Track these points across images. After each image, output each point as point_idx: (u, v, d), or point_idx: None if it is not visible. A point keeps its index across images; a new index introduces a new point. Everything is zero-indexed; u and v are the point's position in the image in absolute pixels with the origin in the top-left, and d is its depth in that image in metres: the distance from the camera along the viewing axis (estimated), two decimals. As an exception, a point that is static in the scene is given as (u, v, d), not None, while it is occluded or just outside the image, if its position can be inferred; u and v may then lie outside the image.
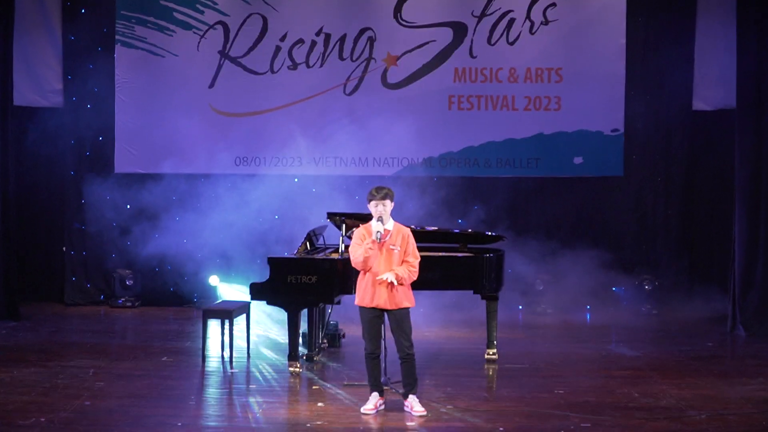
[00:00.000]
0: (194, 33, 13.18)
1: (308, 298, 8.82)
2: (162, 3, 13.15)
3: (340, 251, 9.03)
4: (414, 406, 7.54)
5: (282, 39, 13.15)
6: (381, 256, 7.47)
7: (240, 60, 13.19)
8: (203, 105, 13.20)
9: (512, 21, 13.04)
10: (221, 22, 13.17)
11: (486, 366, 9.43)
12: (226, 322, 9.49)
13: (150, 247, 12.79)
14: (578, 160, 13.10)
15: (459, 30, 13.08)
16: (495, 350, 9.59)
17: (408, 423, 7.34)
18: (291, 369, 8.85)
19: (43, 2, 13.09)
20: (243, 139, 13.13)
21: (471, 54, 13.09)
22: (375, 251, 7.43)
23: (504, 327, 10.98)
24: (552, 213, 13.25)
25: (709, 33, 12.86)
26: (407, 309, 7.58)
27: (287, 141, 12.90)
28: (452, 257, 9.28)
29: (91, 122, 13.23)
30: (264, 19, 13.13)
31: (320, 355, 9.65)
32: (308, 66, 13.17)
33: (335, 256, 8.98)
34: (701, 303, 12.46)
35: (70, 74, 13.19)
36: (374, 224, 7.46)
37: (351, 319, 11.30)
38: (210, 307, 9.78)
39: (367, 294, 7.50)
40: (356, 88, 13.17)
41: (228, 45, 13.18)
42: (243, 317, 9.84)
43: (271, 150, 13.08)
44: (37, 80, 13.19)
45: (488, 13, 13.05)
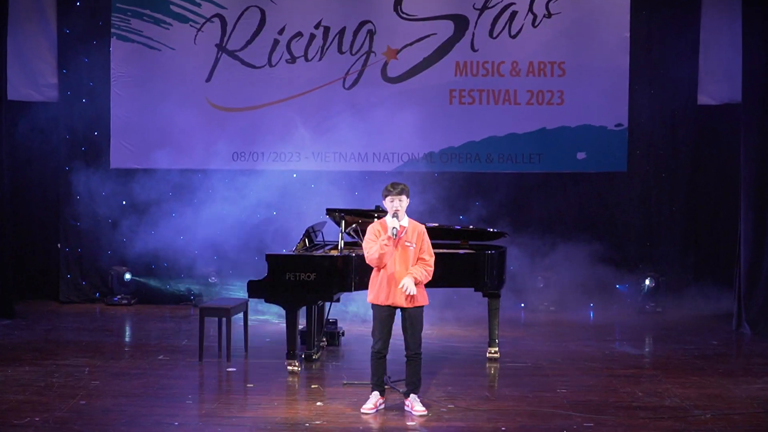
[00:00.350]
0: (191, 26, 13.17)
1: (307, 296, 8.81)
2: (158, -5, 13.18)
3: (340, 248, 9.03)
4: (414, 406, 7.55)
5: (280, 32, 13.14)
6: (396, 253, 7.47)
7: (237, 53, 13.18)
8: (200, 99, 13.19)
9: (514, 14, 13.03)
10: (218, 15, 13.16)
11: (487, 365, 9.44)
12: (224, 320, 9.50)
13: (146, 244, 12.79)
14: (581, 156, 13.10)
15: (460, 23, 13.07)
16: (496, 348, 9.59)
17: (408, 423, 7.34)
18: (289, 368, 8.85)
19: (38, -6, 13.10)
20: (240, 134, 13.12)
21: (472, 47, 13.08)
22: (390, 248, 7.43)
23: (506, 325, 10.99)
24: (555, 209, 13.25)
25: (714, 26, 12.86)
26: (422, 307, 7.60)
27: (285, 136, 12.90)
28: (453, 254, 9.27)
29: (86, 117, 13.23)
30: (262, 12, 13.12)
31: (319, 354, 9.65)
32: (307, 60, 13.16)
33: (334, 253, 8.97)
34: (706, 301, 12.48)
35: (65, 68, 13.18)
36: (390, 220, 7.46)
37: (350, 317, 11.36)
38: (207, 305, 9.78)
39: (382, 291, 7.50)
40: (356, 82, 13.16)
41: (225, 38, 13.16)
42: (240, 315, 9.85)
43: (269, 145, 13.06)
44: (32, 74, 13.17)
45: (490, 6, 13.03)
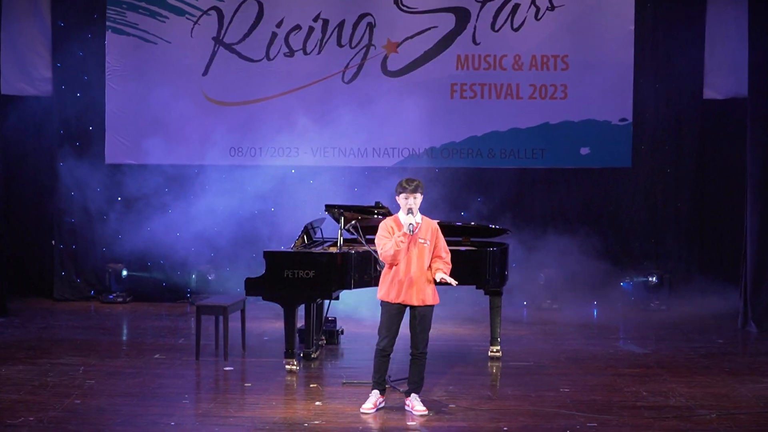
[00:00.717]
0: (187, 19, 13.16)
1: (305, 294, 8.80)
2: (154, -13, 13.18)
3: (339, 245, 9.03)
4: (415, 405, 7.55)
5: (278, 25, 13.13)
6: (412, 250, 7.47)
7: (235, 47, 13.17)
8: (197, 93, 13.18)
9: (517, 6, 13.02)
10: (215, 8, 13.15)
11: (489, 364, 9.44)
12: (221, 319, 9.49)
13: (142, 241, 12.80)
14: (585, 151, 13.09)
15: (462, 16, 13.06)
16: (499, 347, 9.59)
17: (409, 423, 7.34)
18: (288, 367, 8.84)
19: (32, -13, 13.10)
20: (238, 129, 13.12)
21: (474, 40, 13.07)
22: (405, 244, 7.43)
23: (508, 323, 10.98)
24: (558, 205, 13.26)
25: (720, 19, 12.86)
26: (432, 306, 7.60)
27: (284, 131, 12.89)
28: (454, 251, 9.18)
29: (81, 111, 13.23)
30: (260, 5, 13.11)
31: (318, 353, 9.64)
32: (305, 53, 13.15)
33: (333, 250, 8.97)
34: (712, 298, 12.48)
35: (60, 62, 13.17)
36: (405, 217, 7.47)
37: (350, 316, 11.35)
38: (204, 303, 9.76)
39: (393, 288, 7.50)
40: (355, 76, 13.15)
41: (222, 31, 13.16)
42: (238, 313, 9.85)
43: (267, 140, 13.06)
44: (25, 68, 13.17)
45: (492, -2, 13.05)
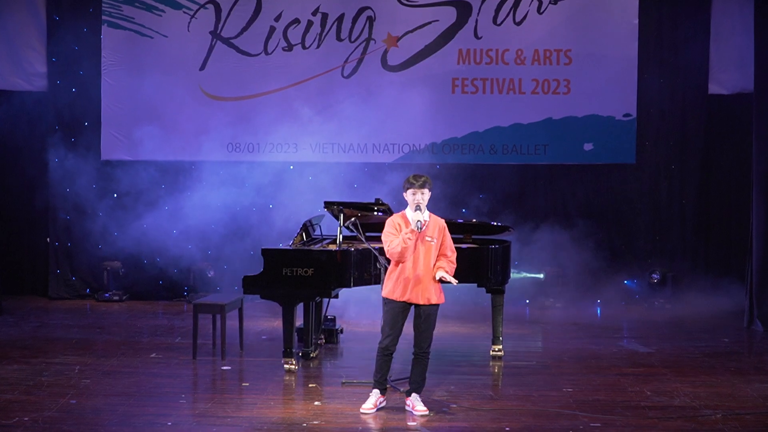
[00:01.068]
0: (184, 12, 13.15)
1: (304, 292, 8.80)
2: (150, -19, 13.17)
3: (338, 242, 9.03)
4: (416, 405, 7.55)
5: (276, 19, 13.12)
6: (418, 248, 7.48)
7: (232, 41, 13.17)
8: (194, 88, 13.18)
9: (519, 0, 13.02)
10: (212, 1, 13.14)
11: (491, 363, 9.45)
12: (218, 317, 9.50)
13: (138, 238, 12.80)
14: (588, 147, 13.09)
15: (463, 9, 13.05)
16: (501, 346, 9.59)
17: (409, 423, 7.35)
18: (286, 366, 8.85)
19: (26, -20, 13.10)
20: (236, 124, 13.12)
21: (476, 34, 13.06)
22: (413, 242, 7.44)
23: (510, 322, 10.98)
24: (561, 202, 13.26)
25: (726, 13, 12.86)
26: (437, 306, 7.61)
27: (282, 126, 12.89)
28: (455, 248, 9.25)
29: (76, 106, 13.23)
30: (258, -2, 13.15)
31: (317, 352, 9.65)
32: (304, 47, 13.14)
33: (333, 248, 8.97)
34: (717, 297, 12.49)
35: (55, 56, 13.17)
36: (412, 214, 7.47)
37: (349, 314, 11.36)
38: (201, 301, 9.77)
39: (399, 286, 7.50)
40: (355, 71, 13.15)
41: (220, 25, 13.15)
42: (235, 312, 9.85)
43: (265, 135, 13.05)
44: (20, 62, 13.17)
45: (494, -8, 13.04)
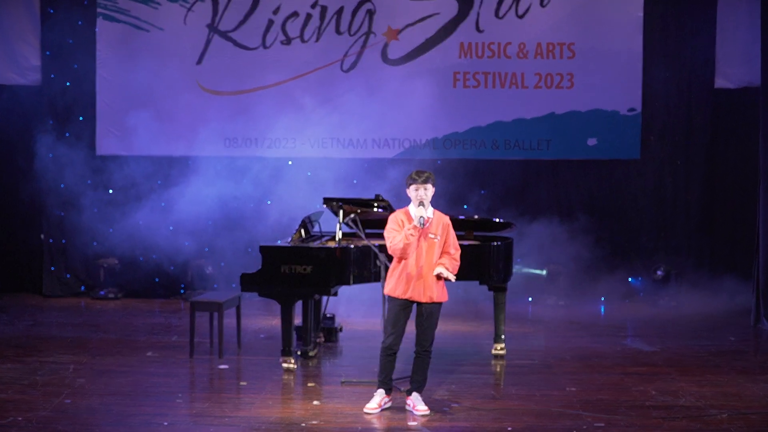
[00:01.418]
0: (181, 5, 13.13)
1: (303, 290, 8.80)
2: (146, -27, 13.15)
3: (338, 239, 9.02)
4: (417, 405, 7.55)
5: (275, 12, 13.10)
6: (420, 245, 7.47)
7: (230, 34, 13.15)
8: (191, 82, 13.17)
9: (522, -8, 13.02)
10: (210, -6, 13.16)
11: (493, 362, 9.44)
12: (216, 315, 9.49)
13: (134, 235, 12.79)
14: (592, 142, 13.08)
15: (464, 2, 13.03)
16: (503, 345, 9.59)
17: (410, 423, 7.34)
18: (285, 365, 8.85)
19: (20, -28, 13.08)
20: (233, 119, 13.10)
21: (477, 28, 13.05)
22: (415, 238, 7.42)
23: (512, 320, 10.98)
24: (564, 198, 13.25)
25: (732, 6, 12.85)
26: (440, 304, 7.61)
27: (280, 121, 12.87)
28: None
29: (71, 101, 13.22)
30: (255, -9, 13.12)
31: (316, 351, 9.65)
32: (303, 41, 13.13)
33: (332, 245, 8.96)
34: (723, 295, 12.48)
35: (49, 50, 13.15)
36: (415, 210, 7.46)
37: (349, 312, 11.35)
38: (198, 299, 9.77)
39: (401, 284, 7.49)
40: (354, 65, 13.13)
41: (217, 18, 13.13)
42: (233, 310, 9.84)
43: (263, 130, 13.04)
44: (13, 56, 13.16)
45: (496, -16, 13.03)
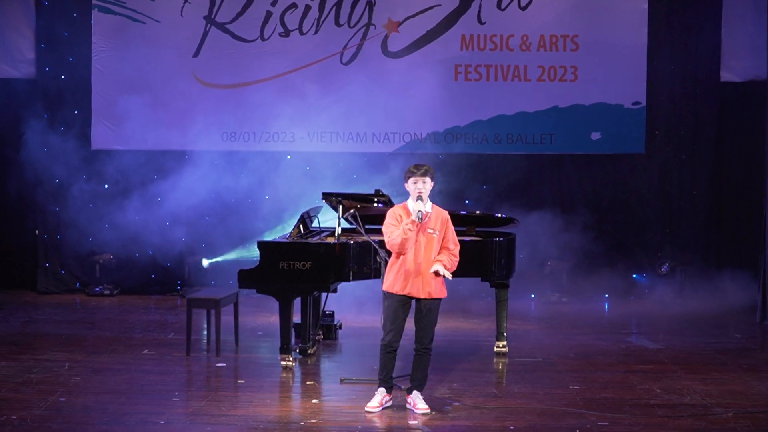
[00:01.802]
0: (177, -3, 13.14)
1: (302, 286, 8.79)
2: (142, -36, 13.13)
3: (337, 235, 9.01)
4: (417, 404, 7.54)
5: (273, 3, 13.09)
6: (419, 240, 7.45)
7: (227, 26, 13.13)
8: (187, 75, 13.15)
9: (524, -16, 13.00)
10: (207, -15, 13.14)
11: (495, 360, 9.43)
12: (213, 312, 9.49)
13: (130, 231, 12.79)
14: (596, 136, 13.07)
15: (466, -7, 13.05)
16: (505, 343, 9.58)
17: (410, 421, 7.34)
18: (283, 363, 8.85)
19: (14, -37, 13.06)
20: (230, 113, 13.09)
21: (479, 20, 13.03)
22: (414, 233, 7.41)
23: (515, 317, 10.98)
24: (567, 193, 13.24)
25: (738, -2, 12.85)
26: (439, 300, 7.59)
27: (279, 115, 12.85)
28: (458, 241, 9.23)
29: (66, 94, 13.21)
30: (254, -18, 13.10)
31: (315, 348, 9.64)
32: (302, 33, 13.11)
33: (331, 240, 8.95)
34: (729, 291, 12.48)
35: (44, 42, 13.14)
36: (413, 204, 7.44)
37: (348, 309, 11.34)
38: (195, 296, 9.76)
39: (399, 280, 7.48)
40: (354, 57, 13.12)
41: (214, 10, 13.11)
42: (230, 307, 9.83)
43: (261, 124, 13.04)
44: (7, 49, 13.15)
45: (498, -25, 13.01)
